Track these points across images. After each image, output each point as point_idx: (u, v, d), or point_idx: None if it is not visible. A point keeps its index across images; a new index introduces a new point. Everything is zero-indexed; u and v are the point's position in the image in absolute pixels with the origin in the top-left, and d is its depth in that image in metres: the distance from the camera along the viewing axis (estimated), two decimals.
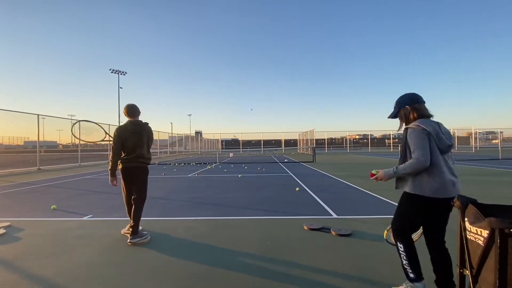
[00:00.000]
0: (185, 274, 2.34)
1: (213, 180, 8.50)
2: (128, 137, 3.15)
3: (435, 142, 1.83)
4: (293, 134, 44.92)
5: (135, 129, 3.19)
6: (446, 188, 1.80)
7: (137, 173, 3.21)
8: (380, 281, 2.17)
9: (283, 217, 4.13)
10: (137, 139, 3.18)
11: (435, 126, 1.89)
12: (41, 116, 14.14)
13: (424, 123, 1.88)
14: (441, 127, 1.92)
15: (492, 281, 1.07)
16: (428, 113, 1.98)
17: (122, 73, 33.73)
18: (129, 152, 3.15)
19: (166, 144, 33.76)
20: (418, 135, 1.83)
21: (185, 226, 3.71)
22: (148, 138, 3.31)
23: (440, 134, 1.86)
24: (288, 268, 2.42)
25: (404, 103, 2.02)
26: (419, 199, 1.86)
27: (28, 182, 8.59)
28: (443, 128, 1.93)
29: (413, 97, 2.01)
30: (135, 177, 3.21)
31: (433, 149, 1.83)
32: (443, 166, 1.84)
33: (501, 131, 41.42)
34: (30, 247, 3.02)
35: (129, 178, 3.21)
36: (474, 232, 1.22)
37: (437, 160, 1.83)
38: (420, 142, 1.81)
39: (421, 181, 1.83)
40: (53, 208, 4.80)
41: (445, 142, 1.86)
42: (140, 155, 3.18)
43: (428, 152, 1.80)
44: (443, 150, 1.86)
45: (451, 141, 1.90)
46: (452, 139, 1.92)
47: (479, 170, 10.37)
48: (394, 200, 5.12)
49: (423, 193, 1.83)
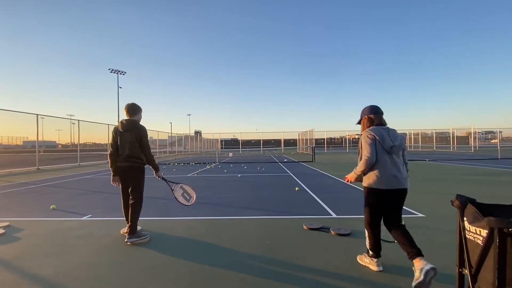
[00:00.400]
0: (185, 274, 2.34)
1: (212, 180, 8.50)
2: (120, 136, 3.15)
3: (381, 144, 2.25)
4: (292, 134, 44.98)
5: (124, 127, 3.17)
6: (388, 180, 2.22)
7: (129, 173, 3.17)
8: (379, 280, 2.18)
9: (283, 216, 4.13)
10: (126, 138, 3.15)
11: (382, 131, 2.30)
12: (40, 116, 14.11)
13: (372, 129, 2.32)
14: (390, 132, 2.33)
15: (491, 280, 1.08)
16: (381, 122, 2.39)
17: (122, 72, 33.69)
18: (121, 151, 3.16)
19: (165, 144, 33.74)
20: (366, 139, 2.28)
21: (184, 226, 3.71)
22: (139, 137, 3.18)
23: (385, 137, 2.26)
24: (288, 267, 2.42)
25: (364, 113, 2.47)
26: (370, 190, 2.32)
27: (27, 182, 8.57)
28: (391, 132, 2.33)
29: (371, 109, 2.44)
30: (128, 177, 3.19)
31: (378, 150, 2.25)
32: (387, 163, 2.25)
33: (500, 130, 41.52)
34: (30, 247, 3.01)
35: (122, 178, 3.20)
36: (473, 231, 1.23)
37: (381, 158, 2.25)
38: (367, 145, 2.26)
39: (370, 176, 2.28)
40: (52, 208, 4.80)
41: (388, 143, 2.24)
42: (131, 155, 3.14)
43: (373, 152, 2.23)
44: (388, 151, 2.26)
45: (395, 142, 2.26)
46: (398, 141, 2.29)
47: (478, 169, 10.39)
48: None
49: (371, 185, 2.28)
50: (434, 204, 4.73)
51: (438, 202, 4.92)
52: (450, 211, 4.11)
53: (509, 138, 48.33)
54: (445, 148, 33.66)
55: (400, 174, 2.26)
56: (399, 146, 2.28)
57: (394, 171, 2.24)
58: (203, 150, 41.23)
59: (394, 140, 2.27)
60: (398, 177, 2.24)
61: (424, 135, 41.03)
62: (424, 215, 4.06)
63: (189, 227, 3.63)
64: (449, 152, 26.99)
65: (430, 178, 8.15)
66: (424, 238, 3.10)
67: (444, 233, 3.24)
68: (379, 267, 2.32)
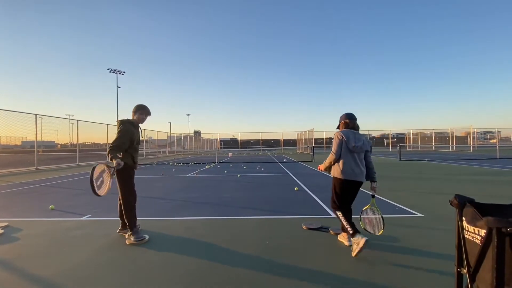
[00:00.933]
0: (184, 274, 2.34)
1: (212, 180, 8.49)
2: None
3: (346, 144, 2.80)
4: (292, 134, 44.98)
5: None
6: (347, 173, 2.78)
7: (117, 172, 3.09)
8: (378, 278, 2.18)
9: (282, 216, 4.13)
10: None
11: (349, 133, 2.84)
12: (39, 116, 14.08)
13: (343, 131, 2.87)
14: (356, 135, 2.85)
15: (489, 280, 1.08)
16: (353, 126, 2.93)
17: (121, 72, 33.62)
18: None
19: (164, 144, 33.70)
20: (336, 138, 2.87)
21: (184, 226, 3.71)
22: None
23: (350, 139, 2.79)
24: (287, 267, 2.42)
25: (342, 119, 3.01)
26: (334, 180, 2.90)
27: (26, 182, 8.55)
28: (357, 135, 2.85)
29: (347, 115, 2.97)
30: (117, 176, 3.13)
31: (343, 148, 2.82)
32: (349, 159, 2.81)
33: (499, 130, 41.62)
34: (28, 247, 3.01)
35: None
36: (471, 231, 1.23)
37: (344, 155, 2.81)
38: (335, 143, 2.85)
39: (335, 168, 2.86)
40: (51, 208, 4.79)
41: (351, 144, 2.78)
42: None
43: (339, 149, 2.83)
44: (351, 149, 2.80)
45: (357, 143, 2.79)
46: (360, 142, 2.80)
47: (477, 169, 10.42)
48: (392, 200, 5.14)
49: (335, 175, 2.86)
50: (433, 204, 4.74)
51: (437, 202, 4.93)
52: (448, 211, 4.12)
53: (508, 138, 48.47)
54: (444, 148, 33.73)
55: (358, 169, 2.81)
56: (360, 147, 2.80)
57: (353, 166, 2.79)
58: (202, 150, 41.19)
59: (357, 142, 2.80)
60: (356, 172, 2.79)
61: (423, 135, 41.10)
62: (422, 214, 4.07)
63: (188, 227, 3.63)
64: (448, 152, 27.04)
65: (429, 178, 8.17)
66: (423, 237, 3.10)
67: (443, 233, 3.25)
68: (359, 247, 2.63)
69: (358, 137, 2.84)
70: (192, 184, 7.63)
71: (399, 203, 4.80)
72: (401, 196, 5.49)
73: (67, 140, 26.69)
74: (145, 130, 28.89)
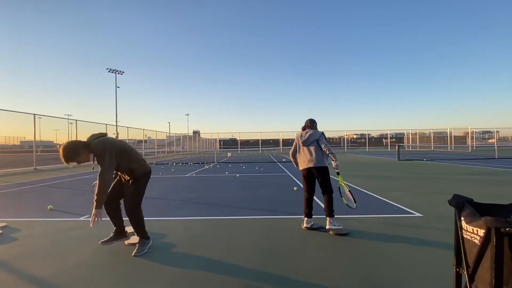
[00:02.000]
0: (183, 274, 2.34)
1: (211, 180, 8.49)
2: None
3: (299, 140, 3.58)
4: (291, 134, 44.94)
5: None
6: (302, 163, 3.52)
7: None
8: (377, 278, 2.18)
9: (281, 216, 4.13)
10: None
11: (302, 132, 3.61)
12: (37, 116, 14.04)
13: (300, 132, 3.67)
14: (305, 132, 3.57)
15: (488, 280, 1.08)
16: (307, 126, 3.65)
17: (120, 72, 33.55)
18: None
19: (163, 144, 33.65)
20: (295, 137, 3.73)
21: (183, 226, 3.70)
22: None
23: (302, 136, 3.55)
24: (286, 267, 2.42)
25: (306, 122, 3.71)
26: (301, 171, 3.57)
27: (25, 182, 8.53)
28: (305, 133, 3.56)
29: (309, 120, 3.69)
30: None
31: (298, 144, 3.61)
32: (302, 152, 3.55)
33: (497, 130, 41.74)
34: (27, 247, 3.00)
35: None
36: (470, 231, 1.23)
37: (300, 149, 3.58)
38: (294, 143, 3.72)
39: (298, 161, 3.66)
40: (49, 208, 4.77)
41: (301, 140, 3.54)
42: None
43: (294, 146, 3.71)
44: (302, 144, 3.52)
45: (303, 139, 3.51)
46: (305, 138, 3.50)
47: (475, 169, 10.44)
48: (391, 199, 5.15)
49: (298, 167, 3.65)
50: (432, 204, 4.74)
51: (436, 201, 4.94)
52: (447, 211, 4.13)
53: (506, 138, 48.60)
54: (442, 148, 33.80)
55: (310, 157, 3.43)
56: (305, 141, 3.48)
57: (305, 157, 3.47)
58: (201, 150, 41.15)
59: (304, 138, 3.51)
60: (308, 160, 3.43)
61: (422, 135, 41.17)
62: (421, 214, 4.07)
63: (187, 227, 3.63)
64: (446, 152, 27.10)
65: (428, 178, 8.18)
66: (421, 237, 3.11)
67: (441, 232, 3.26)
68: (307, 224, 3.46)
69: (305, 134, 3.54)
70: (191, 184, 7.63)
71: (398, 203, 4.81)
72: (400, 196, 5.50)
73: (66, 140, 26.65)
74: (144, 130, 28.89)
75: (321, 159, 3.40)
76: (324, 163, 3.42)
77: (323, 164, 3.39)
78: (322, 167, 3.39)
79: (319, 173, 3.39)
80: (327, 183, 3.40)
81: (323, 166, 3.39)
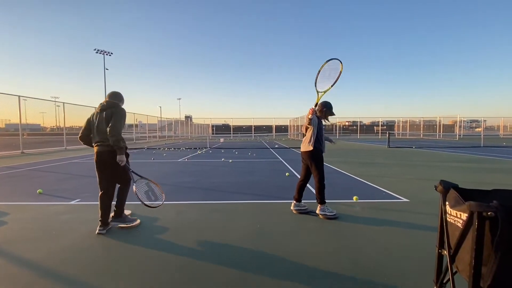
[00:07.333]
0: (175, 257, 2.37)
1: (203, 165, 8.49)
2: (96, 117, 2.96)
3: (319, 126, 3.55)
4: (284, 120, 44.98)
5: (102, 107, 2.97)
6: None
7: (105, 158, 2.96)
8: (364, 260, 2.27)
9: (273, 201, 4.20)
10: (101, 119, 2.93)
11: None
12: (22, 98, 13.54)
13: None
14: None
15: (468, 260, 1.14)
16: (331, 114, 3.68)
17: (108, 53, 32.39)
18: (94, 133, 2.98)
19: (155, 128, 33.18)
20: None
21: (175, 210, 3.73)
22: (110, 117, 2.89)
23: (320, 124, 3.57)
24: (277, 250, 2.49)
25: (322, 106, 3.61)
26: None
27: (12, 166, 8.34)
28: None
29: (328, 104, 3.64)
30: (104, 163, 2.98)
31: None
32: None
33: (484, 119, 42.71)
34: (16, 231, 2.97)
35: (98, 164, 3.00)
36: (454, 215, 1.28)
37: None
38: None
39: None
40: (39, 192, 4.71)
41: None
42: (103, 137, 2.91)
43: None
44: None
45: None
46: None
47: (462, 157, 10.75)
48: (380, 185, 5.28)
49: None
50: (418, 190, 4.89)
51: (422, 187, 5.10)
52: (433, 196, 4.28)
53: (492, 127, 49.88)
54: (431, 136, 34.51)
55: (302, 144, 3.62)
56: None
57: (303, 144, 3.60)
58: (193, 135, 40.82)
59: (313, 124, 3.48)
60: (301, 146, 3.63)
61: (412, 123, 41.80)
62: (408, 200, 4.20)
63: (179, 212, 3.65)
64: (435, 140, 27.70)
65: (416, 165, 8.39)
66: (408, 221, 3.23)
67: (426, 217, 3.38)
68: (293, 208, 3.63)
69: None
70: (184, 169, 7.61)
71: (386, 189, 4.94)
72: (388, 181, 5.64)
73: (54, 123, 25.91)
74: (135, 114, 28.32)
75: (306, 144, 3.51)
76: (307, 147, 3.47)
77: (306, 149, 3.49)
78: (304, 152, 3.54)
79: (304, 156, 3.57)
80: (317, 170, 3.43)
81: (307, 151, 3.50)
